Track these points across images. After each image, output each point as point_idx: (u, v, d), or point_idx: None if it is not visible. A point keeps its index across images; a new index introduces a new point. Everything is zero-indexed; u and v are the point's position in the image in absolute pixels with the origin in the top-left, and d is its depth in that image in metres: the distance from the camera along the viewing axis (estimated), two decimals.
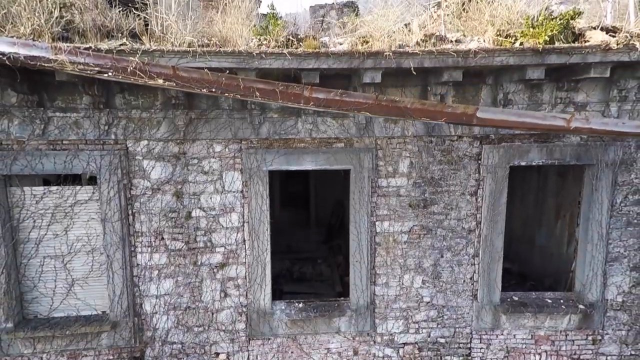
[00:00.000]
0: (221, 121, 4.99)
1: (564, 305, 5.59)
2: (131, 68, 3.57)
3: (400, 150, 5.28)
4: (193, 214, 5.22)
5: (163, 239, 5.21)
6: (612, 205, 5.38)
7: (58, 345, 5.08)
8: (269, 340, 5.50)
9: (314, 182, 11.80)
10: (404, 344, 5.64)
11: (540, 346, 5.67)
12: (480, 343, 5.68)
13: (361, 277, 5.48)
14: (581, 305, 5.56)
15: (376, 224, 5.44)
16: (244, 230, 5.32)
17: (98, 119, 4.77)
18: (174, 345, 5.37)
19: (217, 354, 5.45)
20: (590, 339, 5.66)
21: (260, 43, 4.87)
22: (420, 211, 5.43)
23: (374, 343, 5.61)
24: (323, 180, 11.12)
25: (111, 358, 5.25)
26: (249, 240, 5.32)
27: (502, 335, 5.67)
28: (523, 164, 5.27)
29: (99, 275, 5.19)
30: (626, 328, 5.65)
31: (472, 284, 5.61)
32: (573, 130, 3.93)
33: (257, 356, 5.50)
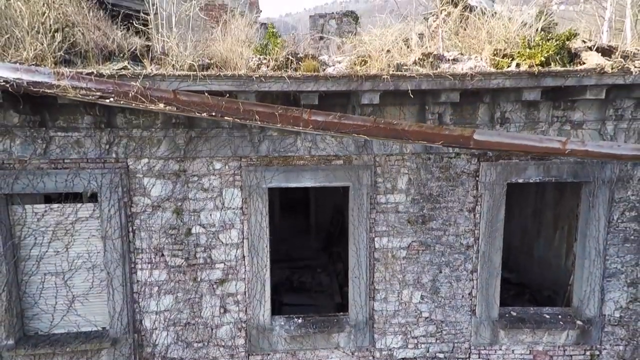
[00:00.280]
0: (221, 139, 5.03)
1: (562, 321, 5.62)
2: (132, 93, 3.62)
3: (399, 167, 5.32)
4: (193, 231, 5.26)
5: (163, 255, 5.25)
6: (609, 222, 5.42)
7: None
8: (269, 356, 5.52)
9: (314, 189, 11.84)
10: (403, 359, 5.67)
11: None
12: (479, 358, 5.71)
13: (360, 293, 5.51)
14: (579, 321, 5.58)
15: (375, 239, 5.47)
16: (243, 247, 5.35)
17: (99, 138, 4.82)
18: None
19: None
20: (588, 354, 5.69)
21: (260, 62, 4.93)
22: (418, 227, 5.47)
23: (373, 358, 5.63)
24: (323, 187, 11.16)
25: None
26: (248, 257, 5.36)
27: (501, 350, 5.70)
28: (520, 181, 5.31)
29: (99, 291, 5.22)
30: (624, 343, 5.68)
31: (471, 300, 5.64)
32: (569, 153, 3.97)
33: None
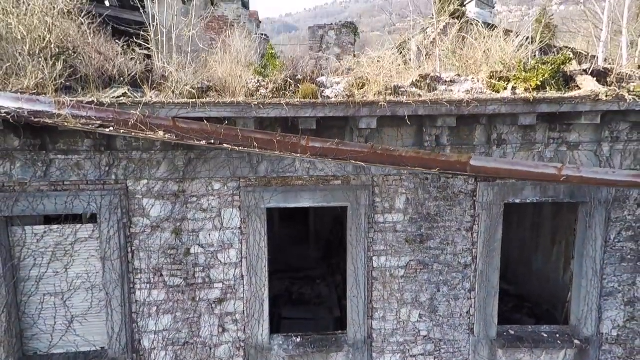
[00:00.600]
0: (220, 160, 5.07)
1: (560, 340, 5.64)
2: (132, 122, 3.66)
3: (397, 187, 5.36)
4: (192, 251, 5.28)
5: (162, 275, 5.27)
6: (606, 242, 5.44)
7: None
8: None
9: None
10: None
11: None
12: None
13: (358, 312, 5.53)
14: (577, 340, 5.60)
15: (373, 259, 5.50)
16: (242, 266, 5.38)
17: (99, 160, 4.85)
18: None
19: None
20: None
21: (259, 85, 4.98)
22: (416, 246, 5.50)
23: None
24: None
25: None
26: (247, 276, 5.38)
27: None
28: (517, 201, 5.35)
29: (98, 311, 5.24)
30: None
31: (469, 318, 5.66)
32: (564, 180, 4.01)
33: None
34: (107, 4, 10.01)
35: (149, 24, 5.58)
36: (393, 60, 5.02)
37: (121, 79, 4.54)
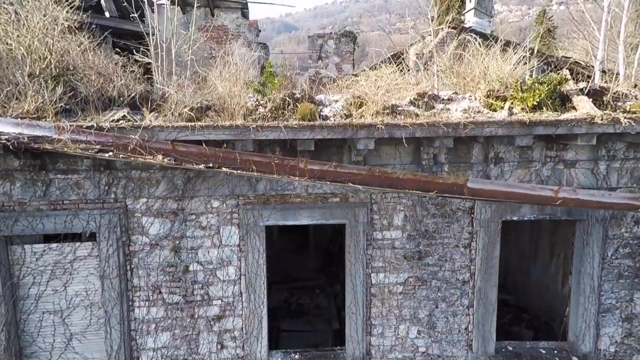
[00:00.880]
0: (219, 179, 5.09)
1: (558, 356, 5.64)
2: (132, 146, 3.69)
3: (395, 204, 5.38)
4: (191, 268, 5.30)
5: (161, 292, 5.28)
6: (604, 259, 5.46)
7: None
8: None
9: None
10: None
11: None
12: None
13: (357, 329, 5.54)
14: (575, 357, 5.60)
15: (371, 275, 5.52)
16: (240, 283, 5.39)
17: (98, 179, 4.88)
18: None
19: None
20: None
21: (257, 104, 5.01)
22: (415, 263, 5.52)
23: None
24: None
25: None
26: (245, 293, 5.39)
27: None
28: (515, 218, 5.37)
29: (97, 329, 5.25)
30: None
31: (467, 334, 5.67)
32: (561, 203, 4.04)
33: None
34: (107, 14, 10.07)
35: (149, 36, 5.61)
36: (391, 79, 5.05)
37: (121, 99, 4.57)
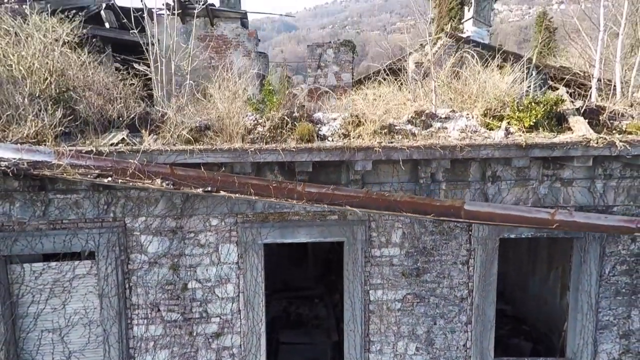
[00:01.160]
0: (218, 197, 5.10)
1: None
2: (131, 170, 3.71)
3: (393, 222, 5.39)
4: (189, 286, 5.32)
5: (159, 310, 5.30)
6: (601, 276, 5.48)
7: None
8: None
9: None
10: None
11: None
12: None
13: (355, 346, 5.55)
14: None
15: (370, 292, 5.53)
16: (239, 301, 5.40)
17: (97, 199, 4.90)
18: None
19: None
20: None
21: (256, 123, 5.05)
22: (413, 280, 5.53)
23: None
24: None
25: None
26: (244, 310, 5.41)
27: None
28: (512, 236, 5.39)
29: (96, 347, 5.25)
30: None
31: (466, 351, 5.68)
32: (557, 226, 4.06)
33: None
34: (107, 25, 10.13)
35: (149, 52, 5.65)
36: (389, 98, 5.08)
37: (120, 119, 4.60)
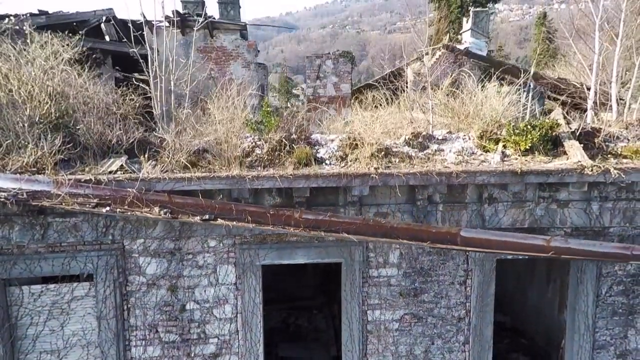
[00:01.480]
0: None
1: None
2: (129, 199, 3.74)
3: (390, 243, 5.42)
4: (187, 307, 5.33)
5: (157, 332, 5.31)
6: (598, 296, 5.50)
7: None
8: None
9: None
10: None
11: None
12: None
13: None
14: None
15: (368, 312, 5.55)
16: (237, 321, 5.42)
17: (96, 222, 4.92)
18: None
19: None
20: None
21: (254, 145, 5.08)
22: (410, 300, 5.55)
23: None
24: None
25: None
26: (242, 331, 5.42)
27: None
28: (510, 257, 5.41)
29: None
30: None
31: None
32: (552, 253, 4.09)
33: None
34: (107, 38, 10.18)
35: (149, 72, 5.69)
36: (386, 118, 5.12)
37: (119, 144, 4.63)
